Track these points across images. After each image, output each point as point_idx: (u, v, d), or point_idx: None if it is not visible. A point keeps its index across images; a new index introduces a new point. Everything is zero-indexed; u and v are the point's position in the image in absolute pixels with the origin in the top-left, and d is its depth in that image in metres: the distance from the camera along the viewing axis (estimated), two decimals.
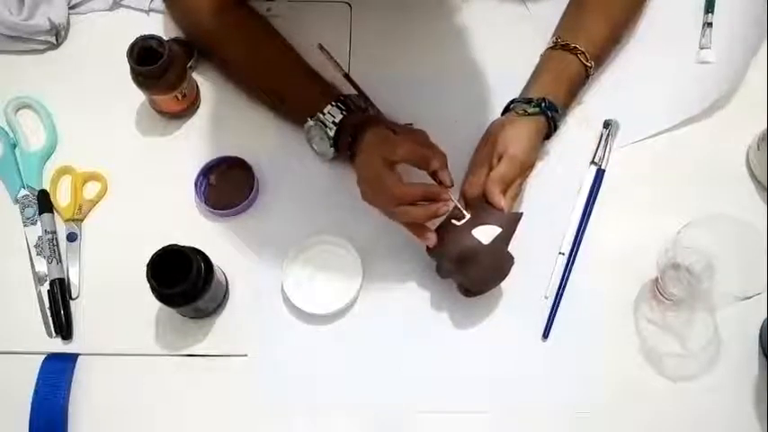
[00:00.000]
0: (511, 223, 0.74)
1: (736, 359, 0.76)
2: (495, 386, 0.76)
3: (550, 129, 0.80)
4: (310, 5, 0.93)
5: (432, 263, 0.77)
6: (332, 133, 0.78)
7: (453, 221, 0.74)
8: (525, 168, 0.77)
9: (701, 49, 0.89)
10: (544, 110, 0.78)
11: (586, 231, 0.82)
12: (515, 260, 0.75)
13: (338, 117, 0.78)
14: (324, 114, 0.78)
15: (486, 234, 0.73)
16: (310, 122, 0.79)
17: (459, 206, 0.74)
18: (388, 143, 0.72)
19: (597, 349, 0.77)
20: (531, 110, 0.78)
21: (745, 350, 0.77)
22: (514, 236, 0.75)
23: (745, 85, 0.87)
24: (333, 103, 0.78)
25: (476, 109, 0.84)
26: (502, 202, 0.74)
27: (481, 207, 0.74)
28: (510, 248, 0.75)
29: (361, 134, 0.76)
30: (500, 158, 0.76)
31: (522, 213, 0.76)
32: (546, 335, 0.78)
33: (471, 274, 0.74)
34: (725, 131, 0.86)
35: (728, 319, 0.77)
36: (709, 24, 0.90)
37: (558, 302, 0.79)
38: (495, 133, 0.78)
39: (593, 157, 0.85)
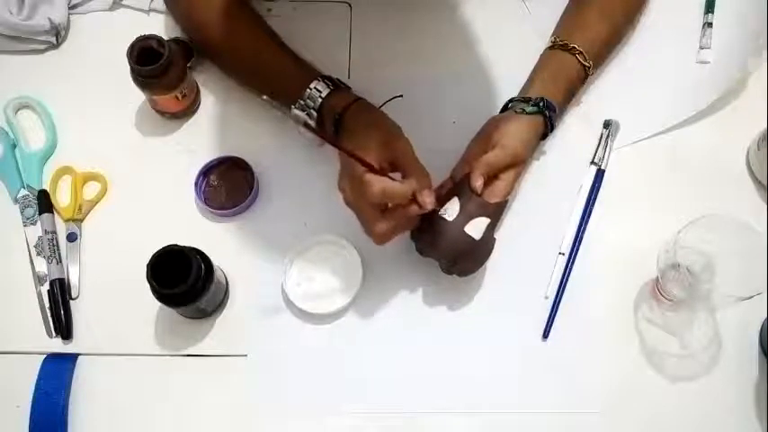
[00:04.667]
0: (498, 212, 0.76)
1: (736, 359, 0.76)
2: (496, 386, 0.76)
3: (547, 128, 0.80)
4: (310, 5, 0.93)
5: (430, 263, 0.77)
6: (316, 106, 0.77)
7: (444, 216, 0.74)
8: (517, 160, 0.77)
9: (701, 49, 0.89)
10: (542, 109, 0.78)
11: (586, 231, 0.82)
12: (516, 260, 0.76)
13: (325, 91, 0.77)
14: (311, 90, 0.77)
15: (477, 228, 0.73)
16: (294, 109, 0.78)
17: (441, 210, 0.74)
18: (388, 148, 0.71)
19: (597, 349, 0.77)
20: (529, 109, 0.78)
21: (745, 350, 0.77)
22: (515, 236, 0.76)
23: (744, 85, 0.87)
24: (319, 79, 0.78)
25: (475, 109, 0.84)
26: (478, 182, 0.74)
27: (467, 198, 0.74)
28: (510, 249, 0.76)
29: (351, 116, 0.74)
30: (492, 149, 0.77)
31: (506, 201, 0.76)
32: (546, 335, 0.78)
33: (465, 266, 0.75)
34: (725, 131, 0.86)
35: (728, 319, 0.77)
36: (710, 24, 0.90)
37: (558, 302, 0.79)
38: (490, 128, 0.79)
39: (593, 157, 0.85)
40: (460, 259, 0.74)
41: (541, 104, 0.78)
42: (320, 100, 0.77)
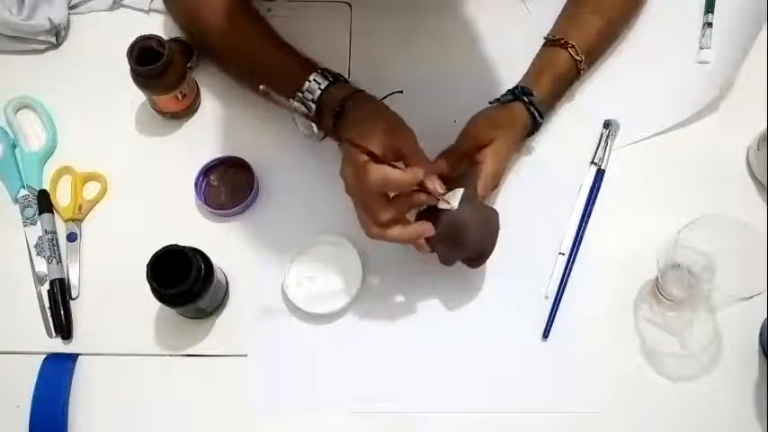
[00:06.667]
0: (468, 180, 0.73)
1: (736, 359, 0.76)
2: (495, 386, 0.76)
3: (530, 112, 0.79)
4: (310, 6, 0.93)
5: (430, 264, 0.77)
6: (315, 98, 0.76)
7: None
8: (481, 142, 0.75)
9: (701, 49, 0.89)
10: (518, 95, 0.78)
11: (586, 231, 0.82)
12: (516, 260, 0.76)
13: (324, 83, 0.77)
14: (310, 82, 0.77)
15: (453, 200, 0.71)
16: (293, 102, 0.78)
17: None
18: (393, 134, 0.70)
19: (597, 349, 0.77)
20: (503, 99, 0.79)
21: (745, 350, 0.77)
22: (515, 236, 0.75)
23: (745, 85, 0.87)
24: (318, 71, 0.77)
25: (475, 109, 0.84)
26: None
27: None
28: (510, 249, 0.75)
29: (352, 107, 0.74)
30: None
31: (471, 168, 0.75)
32: (546, 335, 0.78)
33: (466, 242, 0.72)
34: (725, 131, 0.86)
35: (728, 319, 0.77)
36: (710, 24, 0.90)
37: (558, 302, 0.79)
38: (465, 126, 0.79)
39: (593, 157, 0.85)
40: (456, 237, 0.71)
41: (517, 91, 0.79)
42: (319, 92, 0.77)
